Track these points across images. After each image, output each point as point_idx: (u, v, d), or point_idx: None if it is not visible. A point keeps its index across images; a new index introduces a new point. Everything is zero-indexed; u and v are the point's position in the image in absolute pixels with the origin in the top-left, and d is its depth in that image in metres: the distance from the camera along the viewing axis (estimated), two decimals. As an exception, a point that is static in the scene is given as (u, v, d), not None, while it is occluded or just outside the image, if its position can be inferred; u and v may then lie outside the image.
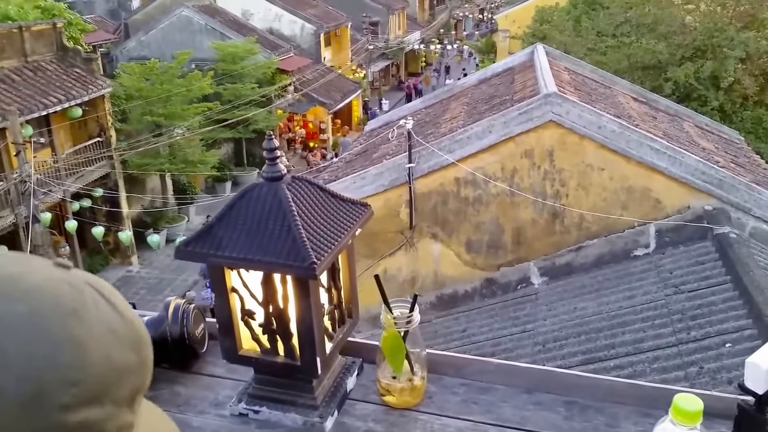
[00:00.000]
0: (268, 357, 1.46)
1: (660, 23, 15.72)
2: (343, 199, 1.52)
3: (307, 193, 1.44)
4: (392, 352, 1.45)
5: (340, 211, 1.49)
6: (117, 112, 19.68)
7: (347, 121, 35.21)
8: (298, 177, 1.47)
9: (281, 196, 1.37)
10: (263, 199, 1.38)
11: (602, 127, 6.92)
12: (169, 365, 1.65)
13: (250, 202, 1.39)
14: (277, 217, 1.35)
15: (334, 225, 1.43)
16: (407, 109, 11.80)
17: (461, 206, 7.44)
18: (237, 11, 31.90)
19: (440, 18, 59.35)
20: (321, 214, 1.43)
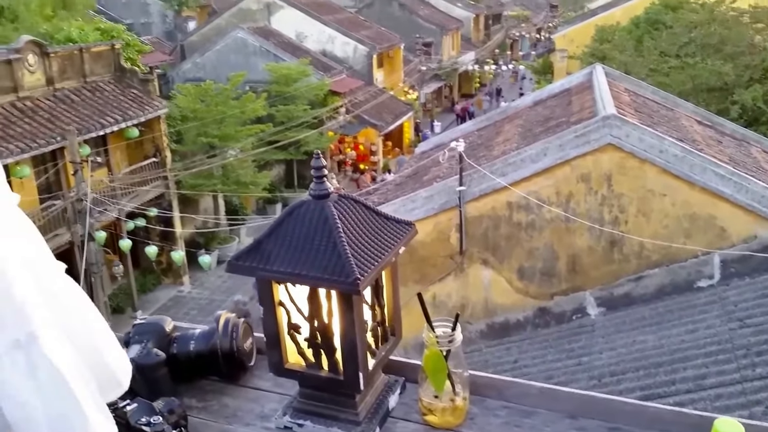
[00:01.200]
0: (312, 371, 1.51)
1: (726, 43, 15.15)
2: (387, 217, 1.57)
3: (352, 211, 1.49)
4: (434, 371, 1.47)
5: (384, 228, 1.53)
6: (172, 132, 20.07)
7: (398, 143, 35.16)
8: (344, 195, 1.52)
9: (327, 213, 1.43)
10: (310, 216, 1.44)
11: (664, 151, 6.59)
12: (219, 377, 1.71)
13: (298, 218, 1.45)
14: (323, 234, 1.40)
15: (378, 242, 1.47)
16: (459, 131, 11.61)
17: (513, 231, 7.18)
18: (291, 33, 32.36)
19: (495, 38, 58.90)
20: (366, 232, 1.47)
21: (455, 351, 1.48)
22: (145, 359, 1.59)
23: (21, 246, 1.00)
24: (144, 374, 1.54)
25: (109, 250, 16.75)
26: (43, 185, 15.75)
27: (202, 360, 1.68)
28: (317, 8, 34.97)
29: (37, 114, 15.50)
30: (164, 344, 1.65)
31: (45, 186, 15.82)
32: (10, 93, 15.28)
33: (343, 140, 30.98)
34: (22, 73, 15.55)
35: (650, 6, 20.57)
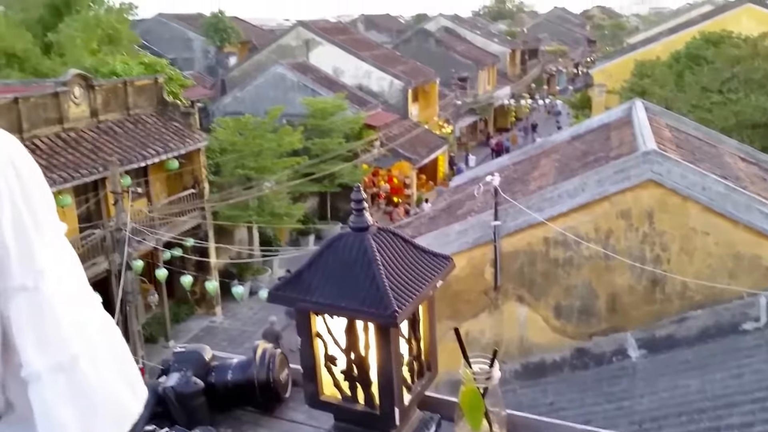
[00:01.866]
0: (348, 404, 1.50)
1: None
2: (425, 250, 1.58)
3: (391, 244, 1.51)
4: (471, 409, 1.45)
5: (422, 262, 1.54)
6: (211, 164, 20.39)
7: (432, 176, 35.16)
8: (383, 228, 1.55)
9: (366, 246, 1.45)
10: (349, 248, 1.47)
11: (707, 188, 6.41)
12: (254, 408, 1.72)
13: (338, 250, 1.48)
14: (362, 266, 1.42)
15: (416, 276, 1.48)
16: (494, 165, 11.54)
17: (550, 268, 7.03)
18: (328, 68, 32.87)
19: (531, 73, 58.92)
20: (404, 265, 1.49)
21: (493, 389, 1.46)
22: (184, 387, 1.61)
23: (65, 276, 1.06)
24: (182, 402, 1.58)
25: (145, 279, 16.94)
26: (83, 214, 16.06)
27: (238, 390, 1.70)
28: (354, 44, 35.52)
29: (81, 145, 15.88)
30: (203, 373, 1.68)
31: (85, 215, 16.12)
32: (56, 124, 15.71)
33: (378, 173, 31.10)
34: (68, 105, 16.00)
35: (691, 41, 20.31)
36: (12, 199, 1.01)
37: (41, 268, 1.02)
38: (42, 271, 1.02)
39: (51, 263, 1.03)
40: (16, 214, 1.01)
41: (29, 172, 1.06)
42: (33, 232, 1.03)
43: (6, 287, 1.01)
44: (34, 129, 15.03)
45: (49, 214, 1.08)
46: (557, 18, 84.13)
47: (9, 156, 1.03)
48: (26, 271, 1.01)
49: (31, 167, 1.07)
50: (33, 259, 1.02)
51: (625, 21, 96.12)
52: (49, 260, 1.03)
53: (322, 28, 37.75)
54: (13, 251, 1.01)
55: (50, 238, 1.06)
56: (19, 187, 1.02)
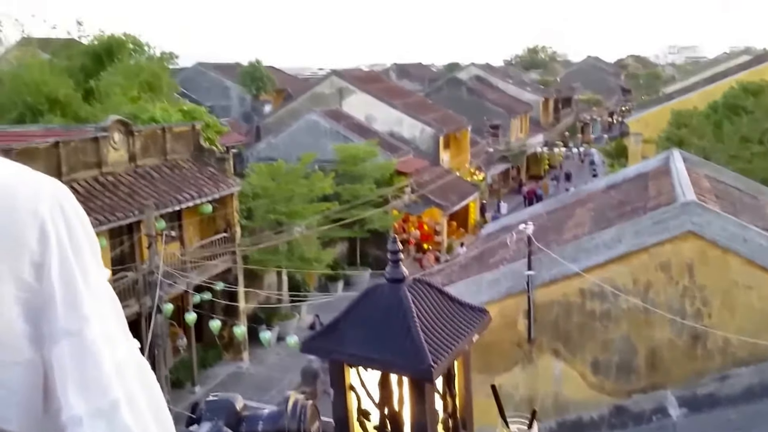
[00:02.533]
0: None
1: None
2: (461, 303, 1.56)
3: (427, 296, 1.49)
4: None
5: (458, 315, 1.52)
6: (243, 209, 20.58)
7: (463, 223, 35.02)
8: (419, 279, 1.54)
9: (402, 298, 1.43)
10: (385, 299, 1.45)
11: (748, 240, 6.20)
12: None
13: (373, 301, 1.47)
14: (398, 318, 1.40)
15: (452, 329, 1.47)
16: (527, 213, 11.39)
17: (587, 321, 6.81)
18: (361, 116, 33.28)
19: (565, 121, 58.89)
20: (440, 318, 1.47)
21: (532, 451, 1.38)
22: (215, 437, 1.61)
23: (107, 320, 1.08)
24: (213, 452, 1.57)
25: (174, 323, 16.97)
26: (117, 256, 16.24)
27: (269, 441, 1.69)
28: (387, 92, 36.01)
29: (118, 189, 16.18)
30: (234, 423, 1.67)
31: (119, 257, 16.31)
32: (95, 168, 16.07)
33: (408, 219, 31.08)
34: (107, 150, 16.37)
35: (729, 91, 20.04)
36: (60, 244, 1.04)
37: (85, 313, 1.04)
38: (86, 316, 1.04)
39: (95, 308, 1.06)
40: (63, 259, 1.04)
41: (77, 217, 1.09)
42: (79, 277, 1.05)
43: (51, 332, 1.03)
44: (73, 172, 15.37)
45: (95, 258, 1.11)
46: (591, 67, 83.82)
47: (58, 201, 1.07)
48: (71, 316, 1.03)
49: (78, 212, 1.10)
50: (78, 304, 1.04)
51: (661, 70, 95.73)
52: (93, 305, 1.06)
53: (355, 76, 38.43)
54: (59, 296, 1.03)
55: (95, 282, 1.08)
56: (66, 232, 1.05)
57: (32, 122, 20.37)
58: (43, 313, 1.03)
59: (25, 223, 1.02)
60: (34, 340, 1.03)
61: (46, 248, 1.03)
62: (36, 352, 1.04)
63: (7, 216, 1.01)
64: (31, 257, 1.02)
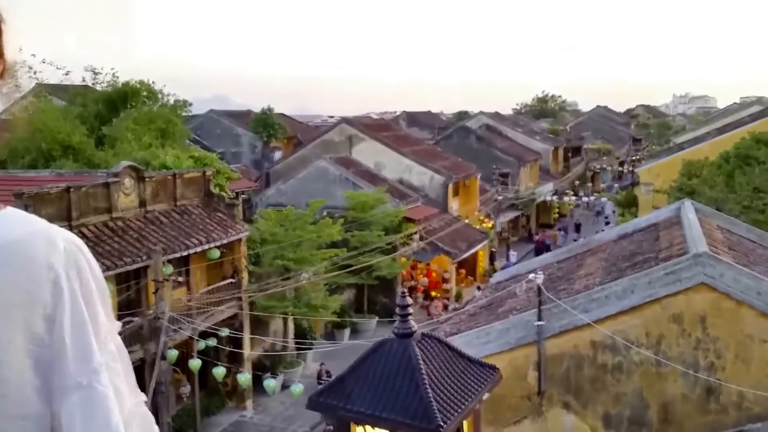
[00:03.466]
0: None
1: None
2: (471, 360, 1.51)
3: (436, 352, 1.44)
4: None
5: (468, 372, 1.48)
6: (251, 254, 20.54)
7: (472, 271, 34.81)
8: (428, 335, 1.46)
9: (411, 354, 1.49)
10: (393, 356, 1.49)
11: (762, 292, 6.10)
12: None
13: (381, 357, 1.52)
14: (406, 375, 1.45)
15: (461, 387, 1.54)
16: (537, 262, 11.30)
17: (598, 373, 6.67)
18: (370, 163, 33.49)
19: (575, 170, 58.98)
20: (449, 375, 1.54)
21: None
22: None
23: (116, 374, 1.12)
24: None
25: (178, 369, 16.76)
26: (123, 301, 16.16)
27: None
28: (396, 140, 36.30)
29: (127, 233, 16.21)
30: None
31: (125, 302, 16.23)
32: (105, 213, 16.13)
33: (416, 266, 30.92)
34: (117, 195, 16.47)
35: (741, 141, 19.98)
36: (73, 299, 1.07)
37: (96, 366, 1.07)
38: (96, 369, 1.07)
39: (104, 361, 1.09)
40: (75, 314, 1.07)
41: (90, 270, 1.12)
42: (90, 331, 1.08)
43: (61, 385, 1.06)
44: (83, 217, 15.43)
45: (106, 311, 1.14)
46: (600, 116, 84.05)
47: (74, 257, 1.09)
48: (82, 370, 1.06)
49: (92, 265, 1.13)
50: (89, 358, 1.07)
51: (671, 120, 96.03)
52: (102, 358, 1.09)
53: (365, 124, 38.82)
54: (70, 350, 1.06)
55: (105, 336, 1.12)
56: (80, 288, 1.08)
57: (45, 167, 20.61)
58: (53, 367, 1.05)
59: (40, 276, 1.04)
60: (44, 393, 1.05)
61: (59, 302, 1.06)
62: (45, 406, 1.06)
63: (22, 270, 1.03)
64: (44, 310, 1.05)
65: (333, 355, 19.78)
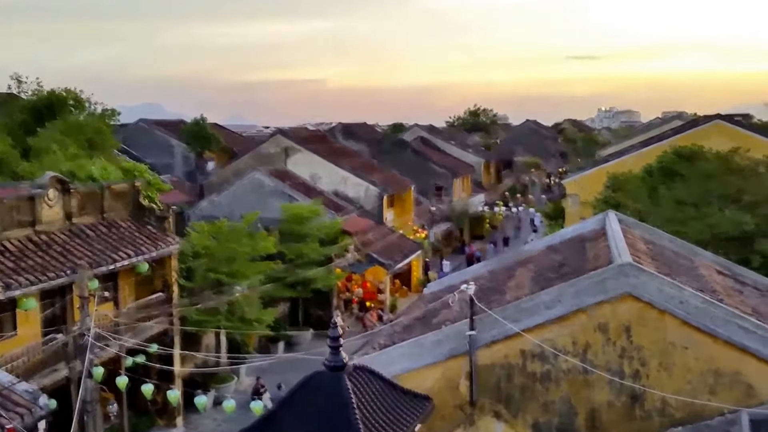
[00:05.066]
0: None
1: (745, 193, 15.29)
2: (405, 391, 1.45)
3: (368, 385, 1.36)
4: None
5: (400, 404, 1.40)
6: (182, 269, 20.05)
7: (407, 282, 35.03)
8: (360, 366, 1.41)
9: (342, 387, 1.27)
10: (324, 389, 1.30)
11: (684, 302, 6.37)
12: None
13: (312, 390, 1.30)
14: (338, 410, 1.23)
15: (394, 420, 1.30)
16: (470, 273, 11.45)
17: (528, 382, 6.81)
18: (306, 175, 33.36)
19: (506, 182, 60.65)
20: (381, 408, 1.30)
21: None
22: None
23: None
24: None
25: (105, 387, 16.15)
26: (48, 318, 15.50)
27: None
28: (332, 152, 36.29)
29: (51, 248, 15.57)
30: None
31: (50, 319, 15.56)
32: (28, 227, 15.46)
33: (351, 278, 30.91)
34: (41, 208, 15.81)
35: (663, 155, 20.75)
36: None
37: None
38: None
39: None
40: None
41: None
42: None
43: None
44: (5, 231, 14.77)
45: None
46: (530, 131, 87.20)
47: None
48: None
49: None
50: None
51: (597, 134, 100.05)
52: None
53: (301, 136, 38.68)
54: None
55: None
56: None
57: (-35, 180, 19.60)
58: None
59: None
60: None
61: None
62: None
63: None
64: None
65: (268, 369, 19.48)
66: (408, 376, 7.01)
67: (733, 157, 17.43)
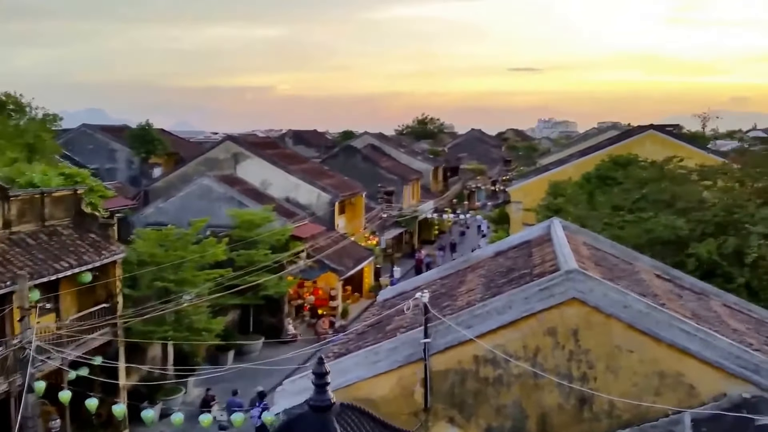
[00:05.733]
0: None
1: (678, 199, 15.85)
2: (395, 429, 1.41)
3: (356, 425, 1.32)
4: None
5: None
6: (127, 278, 19.57)
7: (358, 287, 35.04)
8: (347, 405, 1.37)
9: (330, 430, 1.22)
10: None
11: (628, 306, 6.57)
12: None
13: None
14: None
15: None
16: (422, 279, 11.54)
17: (481, 387, 6.90)
18: (256, 181, 33.05)
19: (453, 189, 61.65)
20: None
21: None
22: None
23: None
24: None
25: (47, 401, 15.63)
26: (-15, 331, 14.92)
27: None
28: (283, 158, 36.05)
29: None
30: None
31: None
32: (-37, 235, 14.90)
33: (303, 285, 30.75)
34: (-23, 215, 15.25)
35: (600, 163, 21.74)
36: None
37: None
38: None
39: None
40: None
41: None
42: None
43: None
44: (-63, 239, 14.18)
45: None
46: (475, 139, 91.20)
47: None
48: None
49: None
50: None
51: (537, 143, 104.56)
52: None
53: (251, 142, 38.30)
54: None
55: None
56: None
57: None
58: None
59: None
60: None
61: None
62: None
63: None
64: None
65: (218, 379, 19.16)
66: (363, 384, 7.02)
67: (666, 165, 18.12)
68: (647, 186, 17.14)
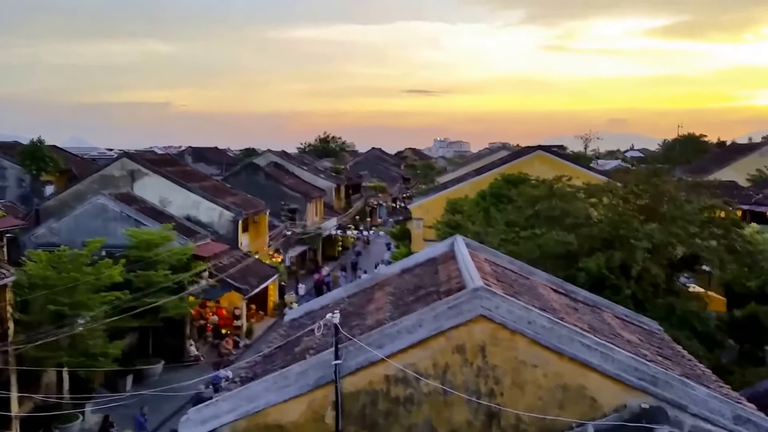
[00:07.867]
0: None
1: (567, 216, 16.68)
2: None
3: None
4: None
5: None
6: (18, 302, 18.41)
7: (263, 306, 34.51)
8: None
9: None
10: None
11: (532, 322, 6.84)
12: None
13: None
14: None
15: None
16: (329, 298, 11.51)
17: (392, 407, 6.97)
18: (155, 199, 32.01)
19: (355, 206, 62.36)
20: None
21: None
22: None
23: None
24: None
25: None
26: None
27: None
28: (183, 176, 35.09)
29: None
30: None
31: None
32: None
33: (206, 305, 29.97)
34: None
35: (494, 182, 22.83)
36: None
37: None
38: None
39: None
40: None
41: None
42: None
43: None
44: None
45: None
46: (375, 157, 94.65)
47: None
48: None
49: None
50: None
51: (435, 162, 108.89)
52: None
53: (149, 159, 37.09)
54: None
55: None
56: None
57: None
58: None
59: None
60: None
61: None
62: None
63: None
64: None
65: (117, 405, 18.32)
66: (273, 410, 6.92)
67: (556, 184, 19.09)
68: (539, 203, 18.00)
